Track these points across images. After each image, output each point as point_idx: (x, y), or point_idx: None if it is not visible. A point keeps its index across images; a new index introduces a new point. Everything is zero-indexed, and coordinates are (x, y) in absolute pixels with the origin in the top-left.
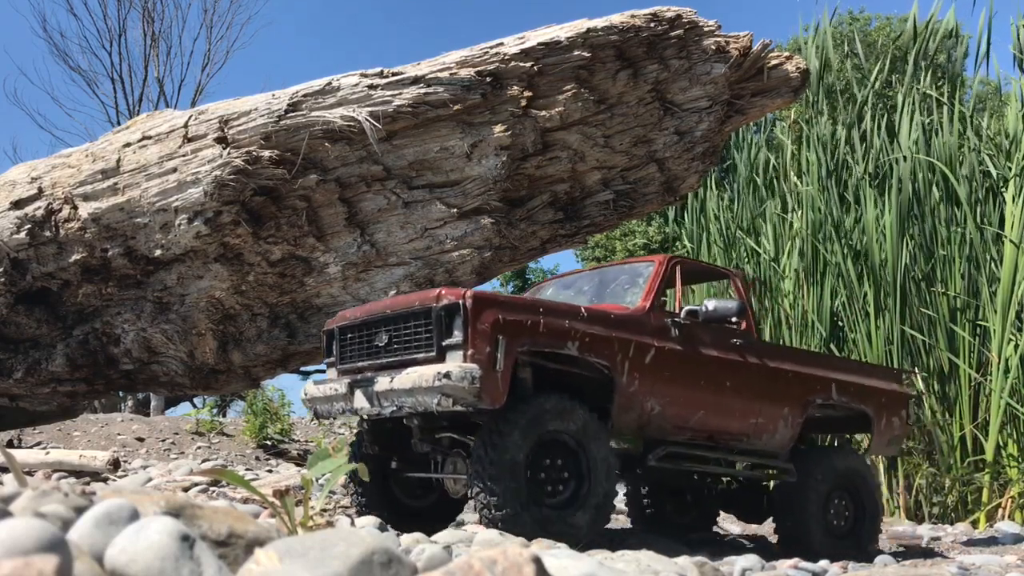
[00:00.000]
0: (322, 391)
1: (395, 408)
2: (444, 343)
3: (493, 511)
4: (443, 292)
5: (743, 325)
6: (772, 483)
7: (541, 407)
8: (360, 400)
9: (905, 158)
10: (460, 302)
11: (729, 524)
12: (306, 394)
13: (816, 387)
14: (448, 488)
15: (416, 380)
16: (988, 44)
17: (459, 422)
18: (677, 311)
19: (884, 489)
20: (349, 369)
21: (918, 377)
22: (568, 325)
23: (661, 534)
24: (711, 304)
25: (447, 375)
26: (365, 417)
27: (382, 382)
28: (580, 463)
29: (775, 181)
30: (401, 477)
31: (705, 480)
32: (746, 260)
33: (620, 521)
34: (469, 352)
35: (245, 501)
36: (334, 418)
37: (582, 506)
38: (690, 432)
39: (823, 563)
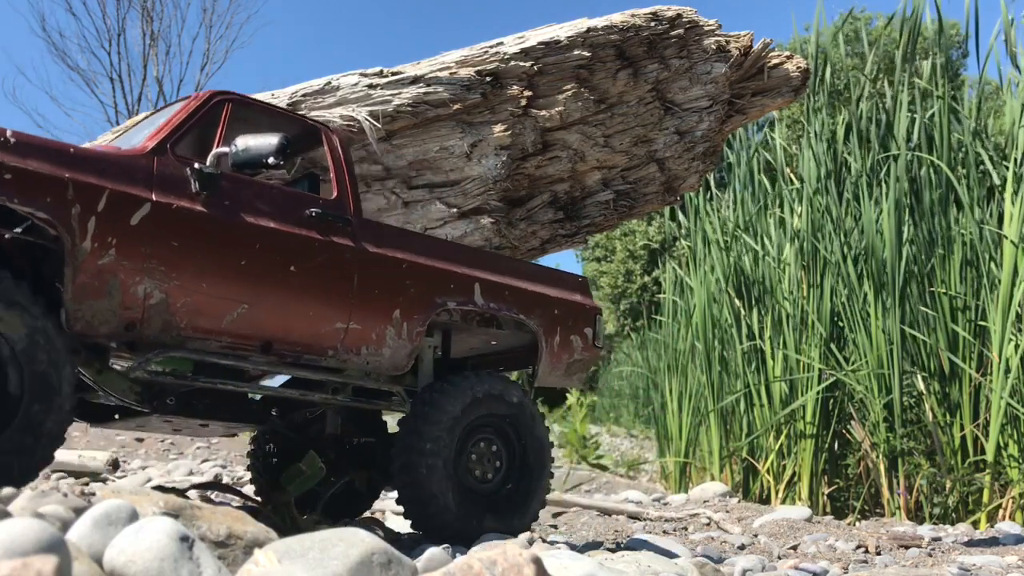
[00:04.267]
0: None
1: None
2: None
3: None
4: None
5: (334, 192)
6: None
7: None
8: None
9: (898, 156)
10: None
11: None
12: None
13: (447, 285)
14: None
15: None
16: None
17: None
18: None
19: (885, 490)
20: None
21: (918, 377)
22: None
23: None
24: (242, 141)
25: None
26: None
27: None
28: (10, 367)
29: (775, 180)
30: None
31: (307, 419)
32: (746, 260)
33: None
34: None
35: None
36: None
37: (10, 426)
38: (228, 337)
39: (823, 563)
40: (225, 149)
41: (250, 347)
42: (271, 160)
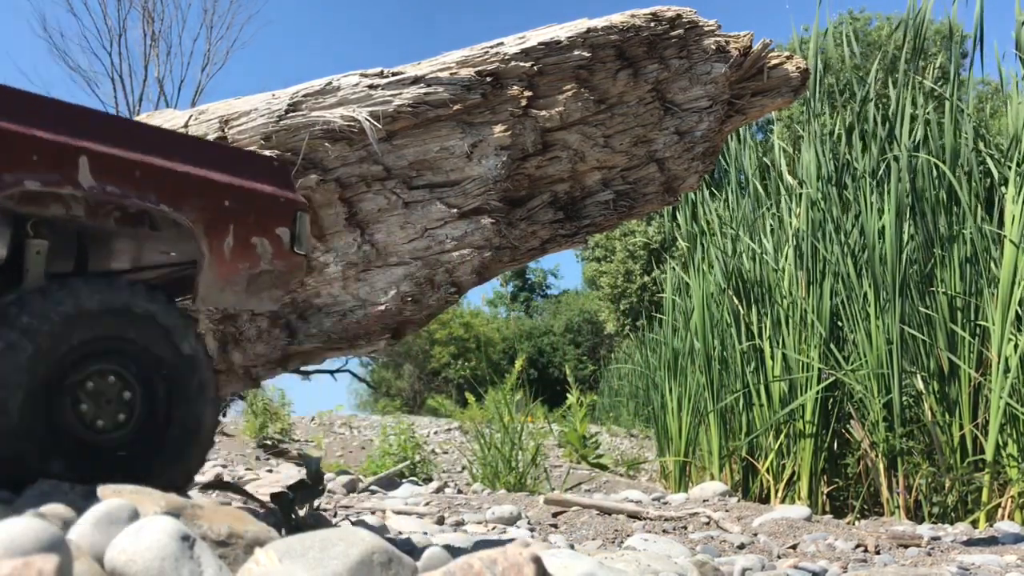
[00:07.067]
0: None
1: None
2: None
3: None
4: None
5: None
6: None
7: None
8: None
9: (899, 157)
10: None
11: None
12: None
13: (27, 156)
14: None
15: None
16: (979, 43)
17: None
18: None
19: (884, 489)
20: None
21: (918, 377)
22: None
23: None
24: None
25: None
26: None
27: None
28: None
29: (773, 181)
30: None
31: None
32: (745, 259)
33: None
34: None
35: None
36: None
37: None
38: None
39: (822, 563)
40: None
41: None
42: None
